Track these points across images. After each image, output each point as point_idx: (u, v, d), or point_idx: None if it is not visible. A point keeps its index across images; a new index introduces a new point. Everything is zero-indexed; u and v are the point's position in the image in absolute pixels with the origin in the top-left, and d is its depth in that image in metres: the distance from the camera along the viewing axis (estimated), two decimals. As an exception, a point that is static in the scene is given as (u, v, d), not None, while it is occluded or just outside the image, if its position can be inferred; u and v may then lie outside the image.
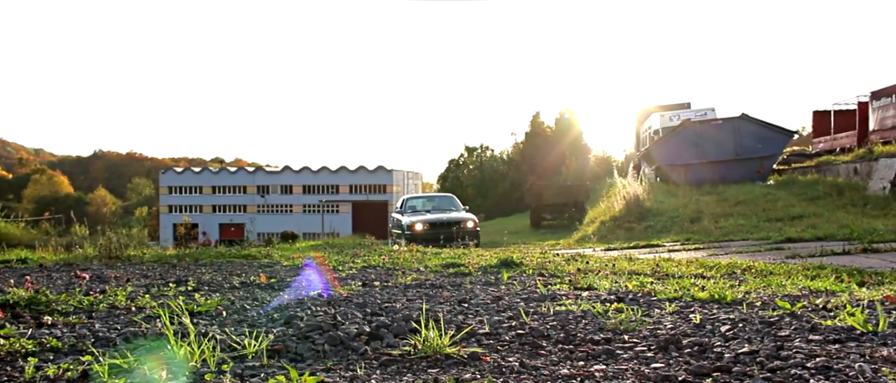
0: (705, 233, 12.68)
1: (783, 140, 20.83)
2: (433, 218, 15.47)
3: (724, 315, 2.85)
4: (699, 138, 20.83)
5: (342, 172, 55.11)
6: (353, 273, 5.77)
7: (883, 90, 20.32)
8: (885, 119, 20.02)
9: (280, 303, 3.31)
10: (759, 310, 2.95)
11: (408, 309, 3.12)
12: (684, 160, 20.96)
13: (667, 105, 30.29)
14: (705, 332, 2.46)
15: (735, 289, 3.75)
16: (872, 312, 2.83)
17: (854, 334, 2.34)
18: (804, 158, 24.05)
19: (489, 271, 5.72)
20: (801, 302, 3.08)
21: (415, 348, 2.23)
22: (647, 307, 3.14)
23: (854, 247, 7.04)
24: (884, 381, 1.71)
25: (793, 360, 1.95)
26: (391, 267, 6.43)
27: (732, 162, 20.69)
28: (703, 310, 3.00)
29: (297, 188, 55.60)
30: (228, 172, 58.67)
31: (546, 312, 3.01)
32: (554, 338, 2.46)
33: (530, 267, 5.98)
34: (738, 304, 3.14)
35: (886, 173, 14.59)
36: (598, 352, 2.21)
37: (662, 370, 1.93)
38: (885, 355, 1.97)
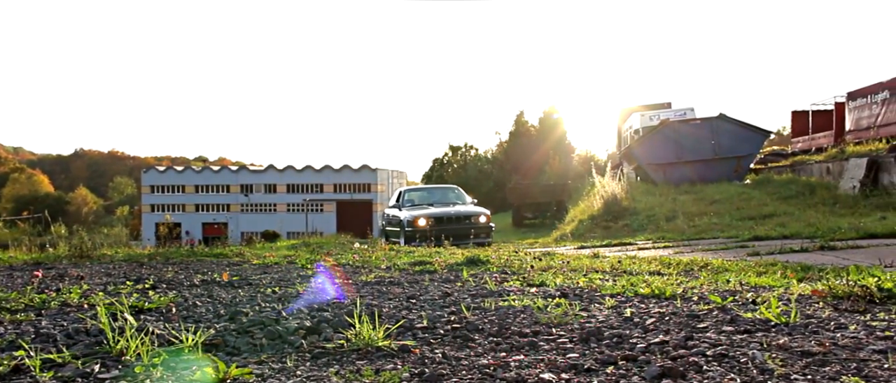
0: (679, 232, 12.88)
1: (760, 140, 21.15)
2: (439, 212, 13.20)
3: (658, 309, 2.97)
4: (678, 138, 21.09)
5: (326, 171, 55.02)
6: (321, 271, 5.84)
7: (858, 91, 20.70)
8: (860, 119, 20.40)
9: (232, 300, 3.39)
10: (692, 305, 3.07)
11: (355, 305, 3.21)
12: (663, 159, 21.22)
13: (648, 105, 30.62)
14: (630, 325, 2.58)
15: (683, 286, 3.88)
16: (799, 305, 2.97)
17: (767, 326, 2.47)
18: (780, 158, 24.42)
19: (455, 269, 5.82)
20: (733, 296, 3.22)
21: (348, 341, 2.33)
22: (588, 302, 3.26)
23: (812, 245, 7.23)
24: (767, 365, 1.83)
25: (697, 349, 2.07)
26: (360, 265, 6.51)
27: (710, 161, 20.97)
28: (639, 305, 3.12)
29: (281, 187, 55.44)
30: (212, 171, 58.36)
31: (488, 307, 3.11)
32: (487, 331, 2.56)
33: (495, 265, 6.08)
34: (674, 299, 3.27)
35: (856, 172, 14.89)
36: (523, 344, 2.32)
37: (575, 359, 2.04)
38: (781, 343, 2.10)
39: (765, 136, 21.39)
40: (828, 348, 2.02)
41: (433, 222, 12.84)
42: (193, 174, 57.85)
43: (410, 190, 15.90)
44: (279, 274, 5.46)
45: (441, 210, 13.46)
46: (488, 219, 13.30)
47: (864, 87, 20.45)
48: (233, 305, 3.19)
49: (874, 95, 19.88)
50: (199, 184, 56.78)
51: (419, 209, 13.78)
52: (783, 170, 20.31)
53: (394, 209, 14.61)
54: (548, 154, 45.64)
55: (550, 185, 32.13)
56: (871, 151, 15.28)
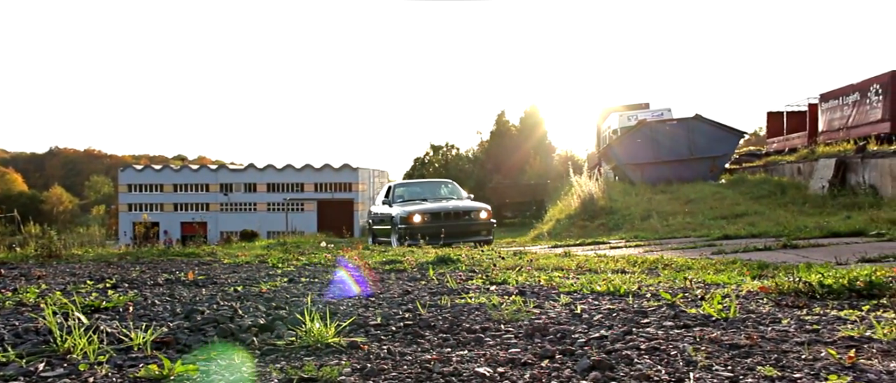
0: (652, 231, 13.06)
1: (734, 140, 21.47)
2: (435, 207, 12.06)
3: (609, 306, 3.05)
4: (655, 138, 21.34)
5: (307, 170, 54.79)
6: (290, 270, 5.87)
7: (831, 92, 21.09)
8: (833, 120, 20.80)
9: (193, 299, 3.41)
10: (643, 302, 3.16)
11: (315, 302, 3.25)
12: (640, 159, 21.46)
13: (626, 105, 30.93)
14: (577, 321, 2.65)
15: (641, 283, 3.97)
16: (744, 301, 3.07)
17: (707, 321, 2.55)
18: (755, 158, 24.81)
19: (424, 267, 5.87)
20: (683, 294, 3.31)
21: (300, 338, 2.37)
22: (544, 299, 3.33)
23: (776, 244, 7.40)
24: (693, 358, 1.91)
25: (633, 343, 2.15)
26: (331, 264, 6.53)
27: (686, 161, 21.25)
28: (592, 302, 3.20)
29: (262, 186, 55.09)
30: (190, 170, 57.82)
31: (445, 305, 3.17)
32: (438, 328, 2.62)
33: (465, 263, 6.15)
34: (627, 296, 3.35)
35: (825, 173, 15.20)
36: (469, 340, 2.38)
37: (515, 353, 2.11)
38: (714, 337, 2.18)
39: (739, 137, 21.72)
40: (755, 341, 2.11)
41: (429, 218, 11.70)
42: (172, 173, 57.25)
43: (401, 184, 14.69)
44: (247, 273, 5.47)
45: (437, 205, 12.28)
46: (490, 214, 12.20)
47: (836, 89, 20.86)
48: (192, 304, 3.21)
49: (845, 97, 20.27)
50: (178, 183, 56.22)
51: (412, 204, 12.46)
52: (757, 170, 20.66)
53: (383, 206, 13.38)
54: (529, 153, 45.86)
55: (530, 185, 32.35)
56: (839, 152, 15.61)
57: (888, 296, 2.88)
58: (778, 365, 1.84)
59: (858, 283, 3.15)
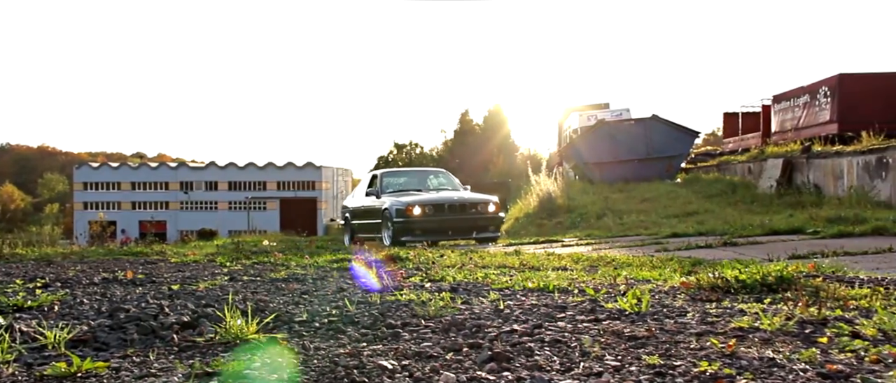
0: (606, 229, 13.33)
1: (689, 140, 22.00)
2: (438, 198, 10.45)
3: (533, 301, 3.15)
4: (613, 137, 21.72)
5: (270, 169, 54.15)
6: (236, 269, 5.85)
7: (783, 94, 21.76)
8: (784, 121, 21.47)
9: (124, 297, 3.40)
10: (567, 297, 3.27)
11: (246, 300, 3.27)
12: (599, 158, 21.82)
13: (587, 105, 31.40)
14: (496, 316, 2.74)
15: (574, 280, 4.09)
16: (665, 296, 3.21)
17: (619, 314, 2.67)
18: (709, 158, 25.44)
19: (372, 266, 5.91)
20: (608, 289, 3.43)
21: (219, 335, 2.40)
22: (474, 296, 3.42)
23: (717, 241, 7.66)
24: (590, 349, 2.01)
25: (539, 336, 2.24)
26: (280, 264, 6.53)
27: (644, 160, 21.69)
28: (519, 298, 3.29)
29: (223, 184, 54.23)
30: (149, 168, 56.59)
31: (374, 302, 3.23)
32: (361, 324, 2.68)
33: (412, 261, 6.22)
34: (554, 293, 3.46)
35: (773, 172, 15.72)
36: (387, 335, 2.44)
37: (426, 347, 2.18)
38: (616, 329, 2.29)
39: (694, 137, 22.28)
40: (653, 333, 2.22)
41: (431, 211, 10.11)
42: (130, 171, 55.96)
43: (390, 172, 12.98)
44: (192, 272, 5.44)
45: (439, 196, 10.69)
46: (498, 208, 10.86)
47: (787, 91, 21.53)
48: (121, 302, 3.20)
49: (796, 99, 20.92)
50: (137, 181, 54.96)
51: (407, 195, 10.84)
52: (711, 169, 21.22)
53: (368, 198, 11.60)
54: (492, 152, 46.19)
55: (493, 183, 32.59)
56: (787, 152, 16.16)
57: (792, 290, 3.04)
58: (666, 354, 1.95)
59: (770, 278, 3.32)
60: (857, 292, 2.93)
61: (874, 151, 11.53)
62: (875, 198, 11.08)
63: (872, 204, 10.61)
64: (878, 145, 11.56)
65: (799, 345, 1.98)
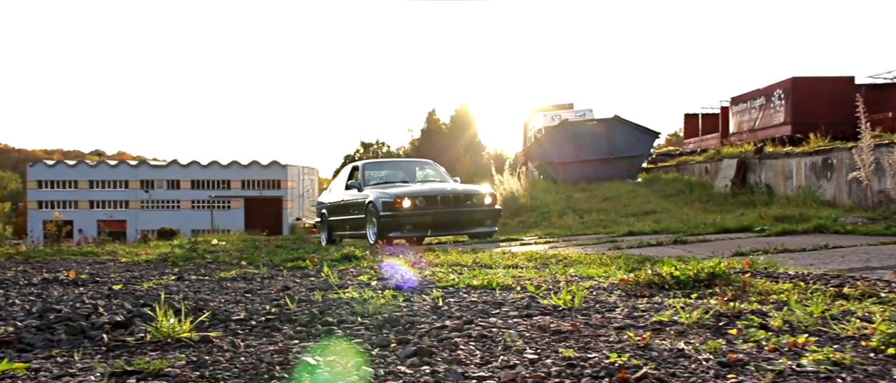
0: (566, 228, 13.51)
1: (650, 140, 22.44)
2: (430, 190, 9.55)
3: (473, 299, 3.20)
4: (576, 137, 22.02)
5: (234, 167, 53.37)
6: (188, 268, 5.79)
7: (740, 96, 22.34)
8: (742, 123, 22.06)
9: (60, 298, 3.34)
10: (508, 294, 3.33)
11: (187, 299, 3.25)
12: (563, 158, 22.09)
13: (552, 105, 31.76)
14: (432, 313, 2.78)
15: (520, 278, 4.16)
16: (603, 292, 3.30)
17: (553, 310, 2.74)
18: (669, 158, 25.97)
19: (330, 265, 5.91)
20: (549, 286, 3.51)
21: (151, 334, 2.39)
22: (417, 294, 3.46)
23: (667, 239, 7.84)
24: (513, 343, 2.08)
25: (467, 331, 2.30)
26: (233, 263, 6.47)
27: (606, 160, 22.03)
28: (462, 295, 3.35)
29: (185, 183, 53.24)
30: (108, 166, 55.24)
31: (316, 300, 3.25)
32: (298, 322, 2.70)
33: (367, 260, 6.23)
34: (496, 290, 3.52)
35: (728, 172, 16.14)
36: (321, 332, 2.47)
37: (356, 343, 2.21)
38: (544, 324, 2.36)
39: (654, 137, 22.72)
40: (577, 327, 2.30)
41: (422, 204, 9.18)
42: (87, 169, 54.52)
43: (373, 163, 12.05)
44: (141, 272, 5.37)
45: (430, 187, 9.76)
46: (495, 199, 9.97)
47: (744, 93, 22.11)
48: (56, 303, 3.16)
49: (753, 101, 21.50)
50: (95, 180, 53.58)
51: (394, 187, 9.91)
52: (670, 169, 21.67)
53: (348, 191, 10.51)
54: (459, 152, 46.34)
55: (459, 183, 32.63)
56: (741, 153, 16.60)
57: (721, 285, 3.16)
58: (584, 347, 2.02)
59: (703, 275, 3.43)
60: (779, 287, 3.06)
61: (820, 153, 11.95)
62: (821, 197, 11.48)
63: (818, 203, 10.99)
64: (824, 147, 11.98)
65: (709, 337, 2.07)
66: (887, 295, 2.80)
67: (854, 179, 9.88)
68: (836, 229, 7.67)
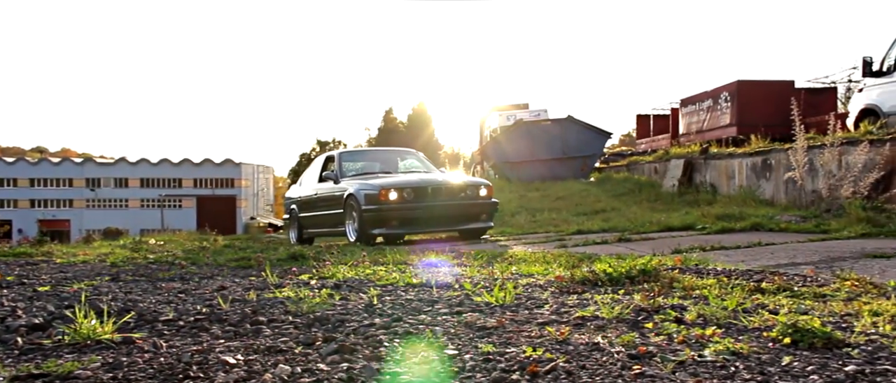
0: (518, 227, 13.66)
1: (602, 140, 22.88)
2: (418, 181, 8.65)
3: (408, 297, 3.22)
4: (531, 137, 22.29)
5: (185, 165, 52.06)
6: (126, 269, 5.65)
7: (689, 98, 22.98)
8: (691, 124, 22.70)
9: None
10: (444, 292, 3.37)
11: (116, 300, 3.18)
12: (517, 157, 22.33)
13: (507, 105, 32.07)
14: (364, 311, 2.79)
15: (461, 276, 4.19)
16: (539, 289, 3.36)
17: (486, 306, 2.79)
18: (621, 158, 26.54)
19: (275, 265, 5.84)
20: (484, 284, 3.56)
21: (70, 336, 2.33)
22: (355, 292, 3.46)
23: (612, 238, 8.03)
24: (436, 339, 2.11)
25: (394, 329, 2.32)
26: (174, 262, 6.33)
27: (560, 160, 22.37)
28: (398, 294, 3.36)
29: (134, 181, 51.67)
30: (50, 163, 53.13)
31: (251, 299, 3.22)
32: (228, 322, 2.67)
33: (313, 260, 6.18)
34: (433, 288, 3.55)
35: (675, 172, 16.59)
36: (248, 331, 2.45)
37: (282, 341, 2.21)
38: (470, 320, 2.40)
39: (607, 137, 23.19)
40: (502, 323, 2.34)
41: (411, 196, 8.27)
42: (27, 166, 52.35)
43: (351, 153, 11.05)
44: (75, 273, 5.20)
45: (419, 178, 8.89)
46: (491, 192, 9.02)
47: (693, 95, 22.76)
48: (-25, 305, 3.04)
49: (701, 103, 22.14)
50: (36, 178, 51.47)
51: (377, 178, 8.93)
52: (621, 169, 22.14)
53: (324, 184, 9.48)
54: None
55: (415, 182, 32.63)
56: (688, 153, 17.09)
57: (650, 282, 3.27)
58: (505, 342, 2.07)
59: (634, 272, 3.54)
60: (703, 282, 3.18)
61: (760, 154, 12.41)
62: (760, 196, 11.93)
63: (757, 201, 11.42)
64: (763, 148, 12.45)
65: (626, 331, 2.14)
66: (800, 289, 2.94)
67: (790, 179, 10.30)
68: (770, 227, 7.98)
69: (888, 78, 10.96)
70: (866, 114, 11.39)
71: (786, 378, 1.58)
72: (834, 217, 8.14)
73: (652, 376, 1.61)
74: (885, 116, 10.78)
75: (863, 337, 1.94)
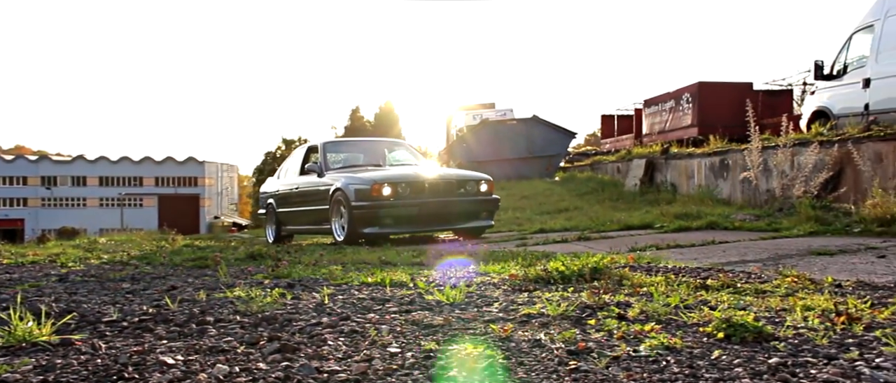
0: (482, 226, 13.75)
1: (567, 140, 23.16)
2: (412, 175, 7.98)
3: (361, 296, 3.21)
4: (496, 136, 22.42)
5: (147, 163, 50.90)
6: (77, 269, 5.51)
7: (652, 99, 23.40)
8: (654, 124, 23.12)
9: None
10: (397, 291, 3.37)
11: (59, 301, 3.10)
12: (483, 156, 22.43)
13: (474, 104, 32.20)
14: (313, 310, 2.78)
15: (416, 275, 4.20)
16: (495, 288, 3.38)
17: (436, 305, 2.80)
18: (585, 157, 26.89)
19: (232, 264, 5.76)
20: (438, 283, 3.57)
21: (2, 339, 2.27)
22: (308, 291, 3.44)
23: (572, 236, 8.14)
24: (379, 338, 2.11)
25: (340, 327, 2.31)
26: (128, 262, 6.20)
27: (525, 159, 22.55)
28: (351, 293, 3.35)
29: (93, 180, 50.31)
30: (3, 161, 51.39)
31: (201, 299, 3.17)
32: (174, 322, 2.62)
33: (271, 258, 6.11)
34: (387, 287, 3.55)
35: (637, 172, 16.87)
36: (194, 331, 2.42)
37: (227, 342, 2.18)
38: (417, 318, 2.41)
39: (571, 137, 23.47)
40: (449, 321, 2.36)
41: (407, 191, 7.67)
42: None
43: (336, 143, 10.26)
44: (21, 273, 5.05)
45: (414, 171, 8.17)
46: (491, 187, 8.52)
47: (656, 96, 23.18)
48: None
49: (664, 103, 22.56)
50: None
51: (366, 171, 8.26)
52: (585, 168, 22.44)
53: (307, 176, 8.79)
54: (384, 150, 46.13)
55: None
56: (649, 153, 17.40)
57: (600, 279, 3.32)
58: (449, 339, 2.08)
59: (586, 270, 3.59)
60: (652, 279, 3.24)
61: (718, 154, 12.71)
62: (718, 195, 12.22)
63: (715, 201, 11.70)
64: (721, 148, 12.75)
65: (569, 327, 2.18)
66: (743, 285, 3.03)
67: (745, 179, 10.57)
68: (725, 226, 8.19)
69: (838, 81, 11.34)
70: (818, 115, 11.77)
71: (713, 371, 1.63)
72: (786, 216, 8.39)
73: (586, 371, 1.65)
74: (835, 118, 11.15)
75: (791, 330, 2.01)
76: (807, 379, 1.52)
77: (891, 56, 10.11)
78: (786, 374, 1.55)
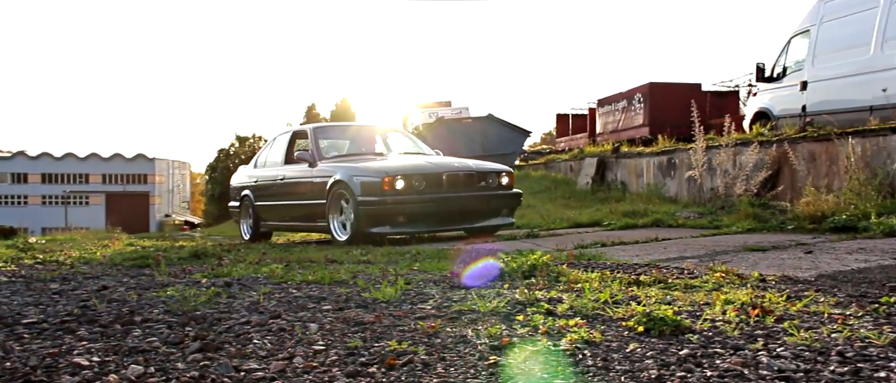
0: (437, 223, 13.79)
1: (522, 139, 23.38)
2: (428, 165, 7.03)
3: (299, 294, 3.19)
4: (452, 134, 22.45)
5: (93, 160, 49.19)
6: (7, 269, 5.29)
7: (606, 99, 23.84)
8: (607, 124, 23.56)
9: None
10: (336, 289, 3.35)
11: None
12: (439, 155, 22.46)
13: (430, 102, 32.23)
14: (246, 308, 2.74)
15: (359, 273, 4.18)
16: (432, 284, 3.39)
17: (372, 302, 2.79)
18: (539, 156, 27.23)
19: (174, 264, 5.63)
20: (375, 280, 3.57)
21: (-88, 341, 2.16)
22: (247, 289, 3.38)
23: (521, 234, 8.23)
24: (303, 335, 2.10)
25: (268, 326, 2.29)
26: (65, 262, 5.98)
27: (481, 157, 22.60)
28: (290, 291, 3.31)
29: (35, 176, 48.36)
30: (-62, 157, 48.97)
31: (131, 299, 3.09)
32: (99, 322, 2.55)
33: (214, 257, 6.00)
34: (327, 285, 3.53)
35: (589, 170, 17.18)
36: (117, 332, 2.35)
37: (150, 342, 2.13)
38: (349, 317, 2.41)
39: (526, 135, 23.72)
40: (379, 318, 2.36)
41: (422, 185, 6.74)
42: (-89, 160, 48.06)
43: (327, 128, 8.92)
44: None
45: (429, 162, 7.21)
46: (512, 180, 7.64)
47: (610, 96, 23.63)
48: None
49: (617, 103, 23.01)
50: (-79, 173, 47.32)
51: (370, 160, 7.37)
52: (539, 167, 22.72)
53: (295, 166, 7.78)
54: (340, 147, 45.67)
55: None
56: (601, 152, 17.73)
57: (537, 276, 3.37)
58: (377, 337, 2.08)
59: (526, 267, 3.64)
60: (588, 276, 3.31)
61: (665, 153, 13.06)
62: (665, 194, 12.55)
63: (662, 199, 12.01)
64: (668, 147, 13.10)
65: (496, 323, 2.21)
66: (674, 281, 3.12)
67: (691, 177, 10.88)
68: (670, 223, 8.41)
69: (778, 83, 11.79)
70: (760, 116, 12.21)
71: (625, 363, 1.67)
72: (727, 213, 8.67)
73: (504, 365, 1.67)
74: (775, 119, 11.59)
75: (708, 323, 2.08)
76: (710, 369, 1.58)
77: (826, 60, 10.57)
78: (691, 365, 1.61)
